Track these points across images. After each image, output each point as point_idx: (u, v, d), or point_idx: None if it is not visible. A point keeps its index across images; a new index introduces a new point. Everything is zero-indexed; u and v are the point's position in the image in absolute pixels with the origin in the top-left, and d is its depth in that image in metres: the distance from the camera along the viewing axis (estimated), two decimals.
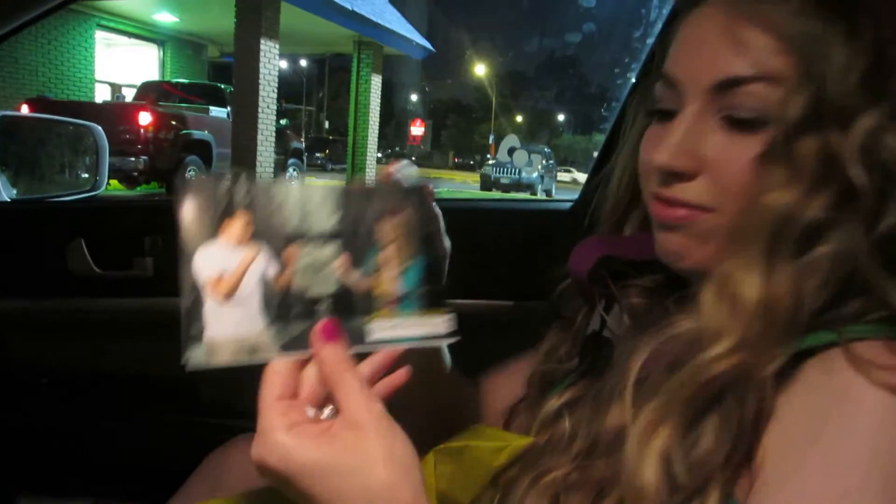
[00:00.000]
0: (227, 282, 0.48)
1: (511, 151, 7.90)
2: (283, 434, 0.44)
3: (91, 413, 1.34)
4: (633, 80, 1.21)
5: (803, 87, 0.49)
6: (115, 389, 1.35)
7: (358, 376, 0.47)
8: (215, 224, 0.48)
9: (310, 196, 0.51)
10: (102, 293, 1.29)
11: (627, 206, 0.70)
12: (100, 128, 1.65)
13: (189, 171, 8.62)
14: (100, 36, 12.37)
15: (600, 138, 1.35)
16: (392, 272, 0.53)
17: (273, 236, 0.50)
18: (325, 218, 0.51)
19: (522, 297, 1.33)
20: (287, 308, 0.50)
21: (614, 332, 0.68)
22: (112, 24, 12.48)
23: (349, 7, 11.13)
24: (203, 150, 9.09)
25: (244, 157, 9.76)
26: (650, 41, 1.24)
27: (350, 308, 0.52)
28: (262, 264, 0.49)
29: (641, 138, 0.63)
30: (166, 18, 12.59)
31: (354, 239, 0.52)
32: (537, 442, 0.64)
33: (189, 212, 0.47)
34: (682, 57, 0.56)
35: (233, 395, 1.37)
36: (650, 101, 0.61)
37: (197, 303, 0.47)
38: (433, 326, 0.54)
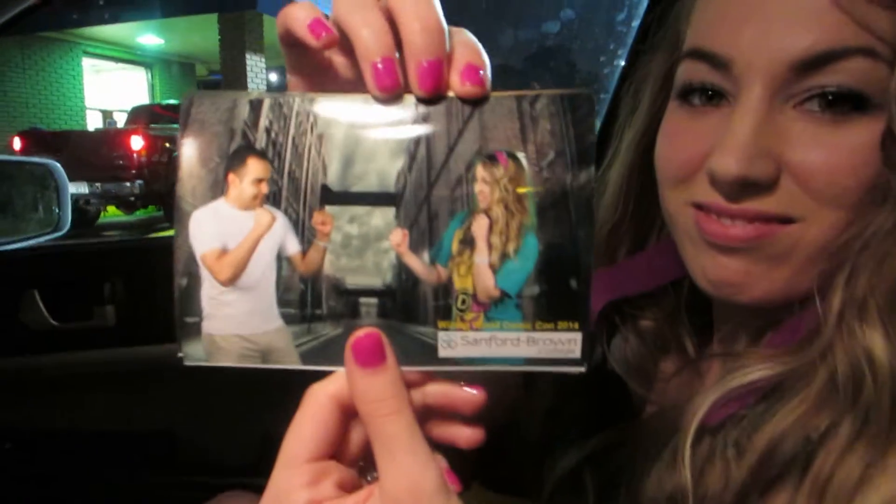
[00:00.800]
0: (231, 258, 0.35)
1: None
2: None
3: (60, 477, 1.24)
4: (622, 67, 1.10)
5: None
6: (84, 450, 1.25)
7: (408, 424, 0.31)
8: (221, 173, 0.34)
9: (370, 124, 0.33)
10: (61, 347, 1.18)
11: (625, 224, 0.59)
12: (58, 164, 1.54)
13: None
14: (87, 63, 12.38)
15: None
16: (486, 256, 0.33)
17: (298, 192, 0.34)
18: (384, 161, 0.34)
19: None
20: (314, 301, 0.35)
21: (619, 362, 0.58)
22: (98, 51, 12.48)
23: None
24: None
25: None
26: (636, 23, 1.14)
27: (413, 308, 0.34)
28: (278, 235, 0.35)
29: (647, 135, 0.51)
30: (151, 41, 12.58)
31: (427, 197, 0.33)
32: None
33: (187, 153, 0.34)
34: (732, 26, 0.42)
35: (212, 451, 1.29)
36: (666, 83, 0.49)
37: (194, 282, 0.34)
38: (552, 346, 0.33)
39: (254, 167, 0.34)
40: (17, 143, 8.04)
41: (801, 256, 0.41)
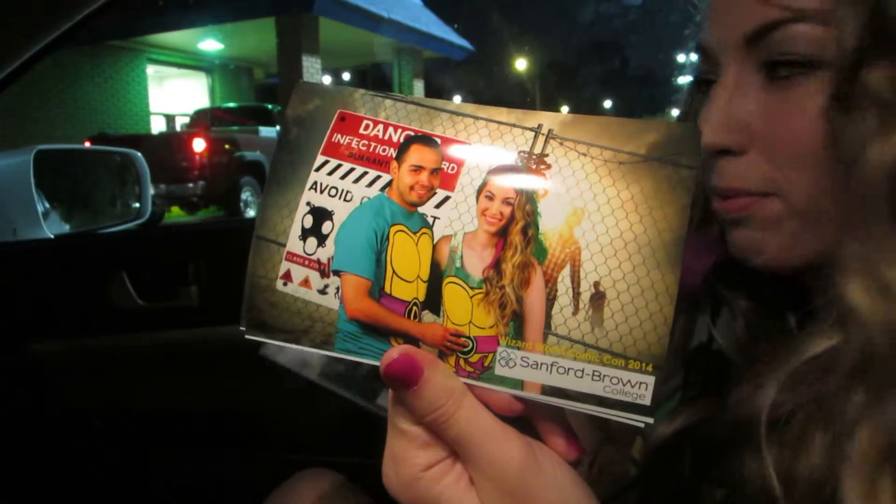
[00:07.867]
0: None
1: None
2: (417, 476, 0.32)
3: (146, 454, 1.28)
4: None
5: (854, 12, 0.39)
6: (170, 427, 1.28)
7: (468, 422, 0.32)
8: None
9: None
10: (148, 327, 1.22)
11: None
12: (140, 154, 1.60)
13: (244, 192, 8.78)
14: (151, 70, 12.87)
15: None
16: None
17: None
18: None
19: None
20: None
21: (724, 344, 0.55)
22: (161, 57, 12.95)
23: (385, 15, 11.14)
24: (257, 171, 9.24)
25: None
26: None
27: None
28: None
29: None
30: (211, 46, 12.97)
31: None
32: (648, 477, 0.51)
33: None
34: (711, 18, 0.48)
35: (292, 428, 1.30)
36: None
37: None
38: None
39: None
40: None
41: (792, 223, 0.44)
